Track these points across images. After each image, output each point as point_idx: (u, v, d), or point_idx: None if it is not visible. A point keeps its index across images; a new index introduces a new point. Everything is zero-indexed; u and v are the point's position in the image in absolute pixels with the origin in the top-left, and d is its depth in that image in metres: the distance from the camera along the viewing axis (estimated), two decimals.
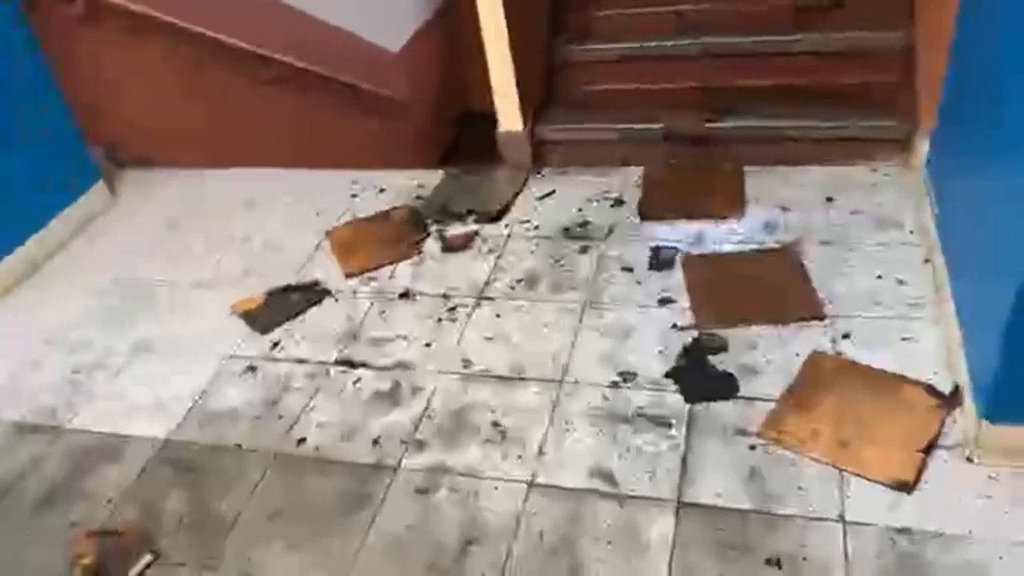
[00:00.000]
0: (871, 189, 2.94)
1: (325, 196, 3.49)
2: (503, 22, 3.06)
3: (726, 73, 3.28)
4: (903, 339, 2.32)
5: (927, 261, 2.56)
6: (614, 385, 2.35)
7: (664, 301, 2.63)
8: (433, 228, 3.18)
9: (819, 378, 2.22)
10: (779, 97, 3.21)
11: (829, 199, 2.94)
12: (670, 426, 2.19)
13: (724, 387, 2.27)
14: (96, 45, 3.63)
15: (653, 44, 3.36)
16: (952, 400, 2.07)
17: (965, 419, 2.00)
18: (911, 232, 2.71)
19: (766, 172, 3.11)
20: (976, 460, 1.94)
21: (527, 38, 3.28)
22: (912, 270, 2.55)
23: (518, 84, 3.22)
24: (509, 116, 3.30)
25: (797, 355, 2.33)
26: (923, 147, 2.79)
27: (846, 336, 2.37)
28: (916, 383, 2.15)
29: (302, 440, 2.37)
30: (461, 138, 5.24)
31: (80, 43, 3.58)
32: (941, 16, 2.56)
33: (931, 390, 2.13)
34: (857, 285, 2.54)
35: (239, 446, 2.38)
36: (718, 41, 3.28)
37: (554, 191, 3.29)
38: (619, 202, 3.15)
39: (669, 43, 3.33)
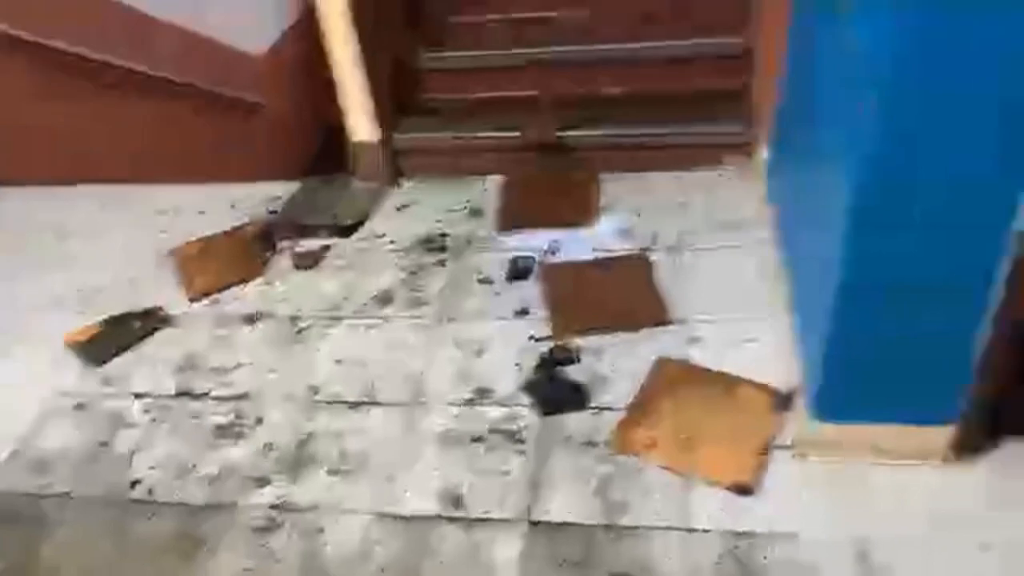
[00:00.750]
0: (719, 192, 3.01)
1: (171, 213, 3.30)
2: (351, 29, 2.96)
3: (580, 81, 3.29)
4: (746, 341, 2.37)
5: (770, 262, 2.63)
6: (468, 403, 2.30)
7: (521, 312, 2.60)
8: (284, 244, 3.04)
9: (664, 384, 2.24)
10: (631, 104, 3.24)
11: (680, 204, 2.99)
12: (522, 442, 2.16)
13: (576, 398, 2.26)
14: None
15: (509, 52, 3.32)
16: (788, 400, 2.13)
17: (799, 418, 2.05)
18: (756, 234, 2.78)
19: (620, 179, 3.14)
20: (810, 458, 2.00)
21: (380, 46, 3.18)
22: (756, 272, 2.61)
23: (371, 92, 3.12)
24: (362, 126, 3.20)
25: (646, 362, 2.34)
26: (764, 150, 2.88)
27: (693, 340, 2.40)
28: (756, 385, 2.20)
29: (136, 482, 2.20)
30: (330, 146, 5.07)
31: None
32: (775, 24, 2.63)
33: (770, 391, 2.18)
34: (704, 289, 2.58)
35: (67, 493, 2.20)
36: (572, 49, 3.28)
37: (412, 202, 3.22)
38: (477, 212, 3.11)
39: (525, 51, 3.30)
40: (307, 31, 3.20)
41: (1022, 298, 1.65)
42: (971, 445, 1.94)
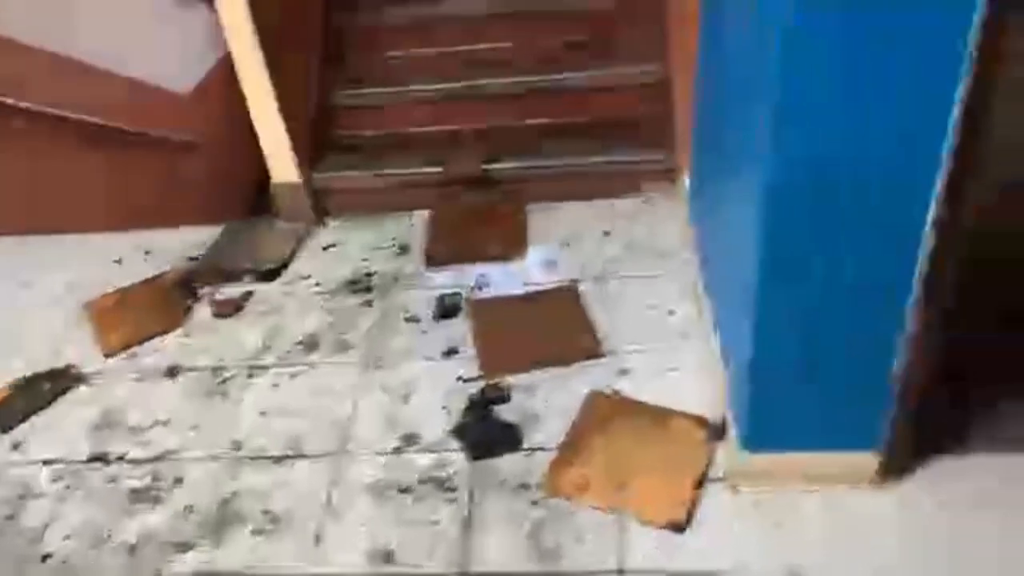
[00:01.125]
0: (643, 220, 3.02)
1: (85, 264, 3.17)
2: (263, 69, 2.90)
3: (502, 113, 3.28)
4: (673, 371, 2.36)
5: (694, 288, 2.64)
6: (396, 451, 2.24)
7: (450, 352, 2.55)
8: (205, 292, 2.94)
9: (595, 420, 2.22)
10: (554, 134, 3.25)
11: (606, 233, 2.99)
12: (453, 490, 2.11)
13: (507, 440, 2.22)
14: None
15: (431, 87, 3.30)
16: (719, 431, 2.12)
17: (729, 450, 2.05)
18: (679, 261, 2.79)
19: (546, 210, 3.13)
20: (742, 489, 1.99)
21: (296, 85, 3.13)
22: (682, 299, 2.62)
23: (288, 132, 3.06)
24: (282, 166, 3.13)
25: (578, 397, 2.31)
26: (686, 176, 2.90)
27: (623, 372, 2.39)
28: (686, 417, 2.19)
29: (47, 556, 2.08)
30: (263, 187, 4.95)
31: None
32: (687, 48, 2.66)
33: (701, 422, 2.17)
34: (632, 319, 2.57)
35: None
36: (492, 82, 3.26)
37: (337, 242, 3.15)
38: (404, 249, 3.06)
39: (446, 85, 3.28)
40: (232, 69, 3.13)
41: (934, 302, 1.66)
42: (898, 467, 1.96)
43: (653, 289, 2.69)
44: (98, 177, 4.61)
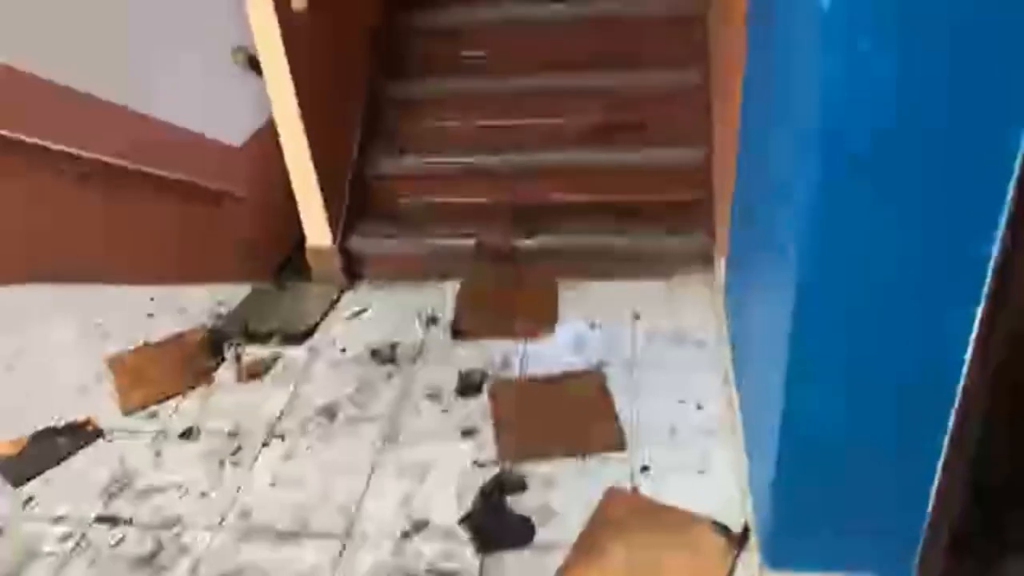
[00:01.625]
0: (677, 306, 2.95)
1: (117, 316, 3.20)
2: (303, 136, 2.94)
3: (538, 189, 3.27)
4: (698, 471, 2.27)
5: (725, 384, 2.55)
6: (405, 536, 2.17)
7: (467, 433, 2.50)
8: (230, 352, 2.94)
9: (612, 520, 2.13)
10: (590, 213, 3.22)
11: (637, 316, 2.93)
12: None
13: (519, 534, 2.14)
14: None
15: (469, 159, 3.31)
16: (740, 541, 2.02)
17: (749, 563, 1.94)
18: (712, 352, 2.71)
19: (577, 288, 3.08)
20: None
21: (336, 149, 3.17)
22: (711, 393, 2.53)
23: (324, 199, 3.08)
24: (316, 230, 3.15)
25: (596, 492, 2.23)
26: (722, 263, 2.84)
27: (644, 469, 2.30)
28: (707, 522, 2.09)
29: None
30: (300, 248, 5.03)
31: None
32: (728, 136, 2.63)
33: (721, 529, 2.07)
34: (658, 411, 2.49)
35: None
36: (531, 158, 3.27)
37: (366, 308, 3.14)
38: (432, 320, 3.03)
39: (482, 158, 3.29)
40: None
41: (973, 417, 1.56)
42: None
43: (682, 379, 2.61)
44: (151, 227, 4.72)
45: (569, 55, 3.43)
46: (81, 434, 2.60)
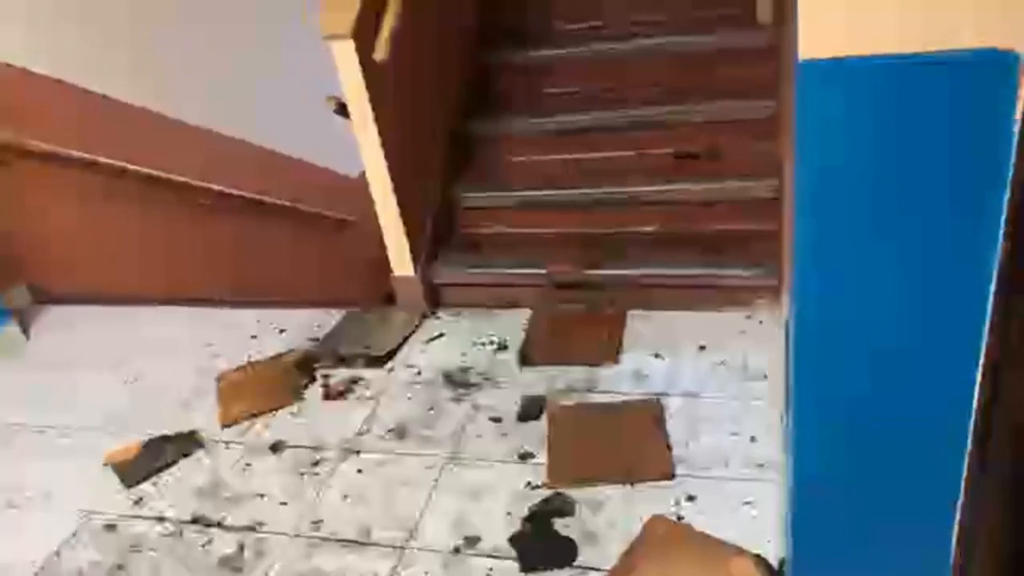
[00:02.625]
0: (742, 339, 2.97)
1: (227, 336, 3.54)
2: (387, 173, 3.17)
3: (610, 219, 3.37)
4: (745, 503, 2.29)
5: (783, 419, 2.55)
6: (456, 551, 2.32)
7: (524, 456, 2.62)
8: (321, 373, 3.20)
9: (653, 548, 2.19)
10: (660, 244, 3.28)
11: (701, 347, 2.96)
12: None
13: (562, 555, 2.24)
14: (16, 189, 3.77)
15: (545, 192, 3.46)
16: (776, 575, 2.04)
17: None
18: (772, 385, 2.71)
19: (644, 319, 3.15)
20: None
21: (419, 184, 3.39)
22: (767, 428, 2.54)
23: (407, 230, 3.30)
24: (400, 260, 3.38)
25: (641, 518, 2.30)
26: (786, 297, 2.84)
27: (691, 499, 2.34)
28: (746, 555, 2.12)
29: None
30: None
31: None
32: (789, 168, 2.64)
33: (760, 563, 2.09)
34: (711, 442, 2.53)
35: None
36: (604, 190, 3.38)
37: (443, 334, 3.33)
38: (503, 346, 3.18)
39: (557, 191, 3.43)
40: None
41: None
42: None
43: (741, 412, 2.63)
44: (264, 251, 5.16)
45: (645, 88, 3.53)
46: (186, 443, 2.92)
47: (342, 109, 3.10)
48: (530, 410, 2.80)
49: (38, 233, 3.87)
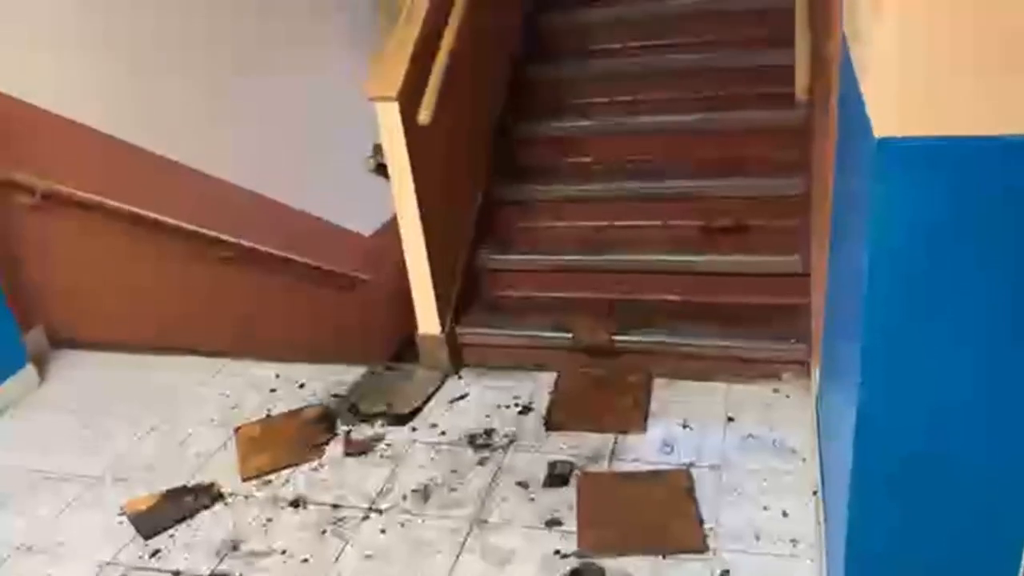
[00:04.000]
0: (770, 411, 2.96)
1: (245, 389, 3.52)
2: (421, 235, 3.21)
3: (638, 287, 3.40)
4: None
5: (815, 493, 2.53)
6: None
7: (552, 523, 2.58)
8: (341, 429, 3.17)
9: None
10: (686, 314, 3.30)
11: (730, 419, 2.95)
12: None
13: None
14: (45, 233, 3.80)
15: (572, 257, 3.50)
16: None
17: None
18: (803, 460, 2.69)
19: (672, 387, 3.15)
20: None
21: (450, 245, 3.43)
22: (799, 502, 2.51)
23: (435, 291, 3.32)
24: (427, 319, 3.39)
25: None
26: (817, 372, 2.84)
27: (725, 573, 2.30)
28: None
29: None
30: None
31: (28, 231, 3.74)
32: (820, 246, 2.68)
33: None
34: (742, 515, 2.49)
35: None
36: (632, 258, 3.42)
37: (467, 394, 3.32)
38: (527, 409, 3.17)
39: (585, 257, 3.47)
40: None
41: None
42: None
43: (771, 485, 2.61)
44: (286, 308, 5.19)
45: (674, 161, 3.60)
46: (205, 496, 2.87)
47: (381, 168, 3.16)
48: (557, 476, 2.77)
49: (59, 276, 3.89)
